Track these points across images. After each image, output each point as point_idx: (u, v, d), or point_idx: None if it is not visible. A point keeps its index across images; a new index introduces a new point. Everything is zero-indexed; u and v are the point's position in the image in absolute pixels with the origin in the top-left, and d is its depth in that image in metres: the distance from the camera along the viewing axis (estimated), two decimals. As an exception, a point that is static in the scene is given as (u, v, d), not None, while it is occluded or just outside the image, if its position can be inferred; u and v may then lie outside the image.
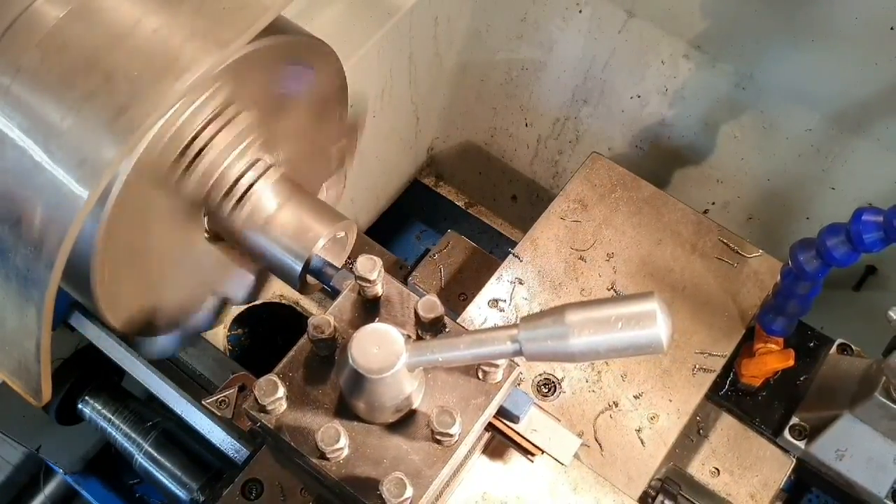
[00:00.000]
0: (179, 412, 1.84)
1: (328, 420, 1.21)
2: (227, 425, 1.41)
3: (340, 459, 1.19)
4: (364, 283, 1.26)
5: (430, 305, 1.22)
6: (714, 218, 1.84)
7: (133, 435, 2.10)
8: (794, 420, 1.67)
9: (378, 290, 1.28)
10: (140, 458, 2.07)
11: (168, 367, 1.98)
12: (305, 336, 1.25)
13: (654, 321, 1.01)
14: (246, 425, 1.29)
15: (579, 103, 2.67)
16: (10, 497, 2.67)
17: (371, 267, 1.25)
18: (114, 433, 2.14)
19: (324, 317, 1.24)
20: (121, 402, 2.21)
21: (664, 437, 1.60)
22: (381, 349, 1.13)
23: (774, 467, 1.69)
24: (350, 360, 1.13)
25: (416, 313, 1.23)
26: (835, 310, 2.22)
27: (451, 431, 1.18)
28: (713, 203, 2.57)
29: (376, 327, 1.15)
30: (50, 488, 2.72)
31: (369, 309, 1.29)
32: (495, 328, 1.12)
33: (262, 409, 1.21)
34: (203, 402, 1.34)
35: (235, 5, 1.12)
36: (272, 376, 1.21)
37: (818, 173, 2.27)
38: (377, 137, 2.68)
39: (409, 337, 1.17)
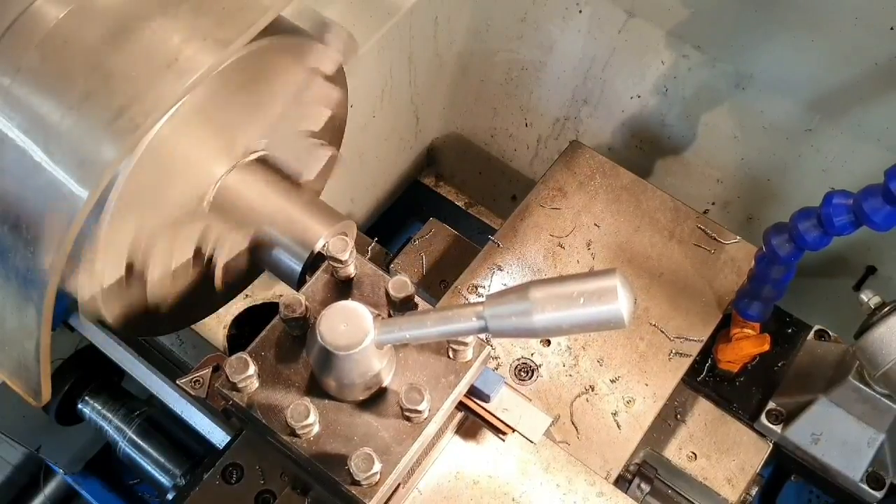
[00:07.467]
0: (179, 412, 1.86)
1: (299, 398, 1.22)
2: (202, 405, 1.43)
3: (311, 437, 1.20)
4: (336, 264, 1.27)
5: (401, 285, 1.23)
6: (714, 218, 1.84)
7: (118, 422, 2.12)
8: (771, 405, 1.68)
9: (350, 270, 1.30)
10: (123, 445, 2.09)
11: (168, 367, 2.00)
12: (278, 316, 1.26)
13: (616, 297, 1.02)
14: (219, 404, 1.31)
15: (579, 103, 2.67)
16: (10, 497, 2.68)
17: (343, 247, 1.26)
18: (101, 423, 2.16)
19: (295, 296, 1.24)
20: (119, 402, 2.23)
21: (640, 421, 1.61)
22: (350, 326, 1.14)
23: (751, 452, 1.70)
24: (318, 337, 1.14)
25: (387, 293, 1.23)
26: (835, 309, 2.22)
27: (420, 408, 1.19)
28: (713, 203, 2.57)
29: (345, 304, 1.16)
30: (50, 488, 2.73)
31: (342, 289, 1.30)
32: (462, 305, 1.13)
33: (234, 388, 1.22)
34: (177, 382, 1.35)
35: (235, 5, 1.13)
36: (243, 354, 1.22)
37: (818, 173, 2.26)
38: (377, 137, 2.69)
39: (377, 315, 1.19)
